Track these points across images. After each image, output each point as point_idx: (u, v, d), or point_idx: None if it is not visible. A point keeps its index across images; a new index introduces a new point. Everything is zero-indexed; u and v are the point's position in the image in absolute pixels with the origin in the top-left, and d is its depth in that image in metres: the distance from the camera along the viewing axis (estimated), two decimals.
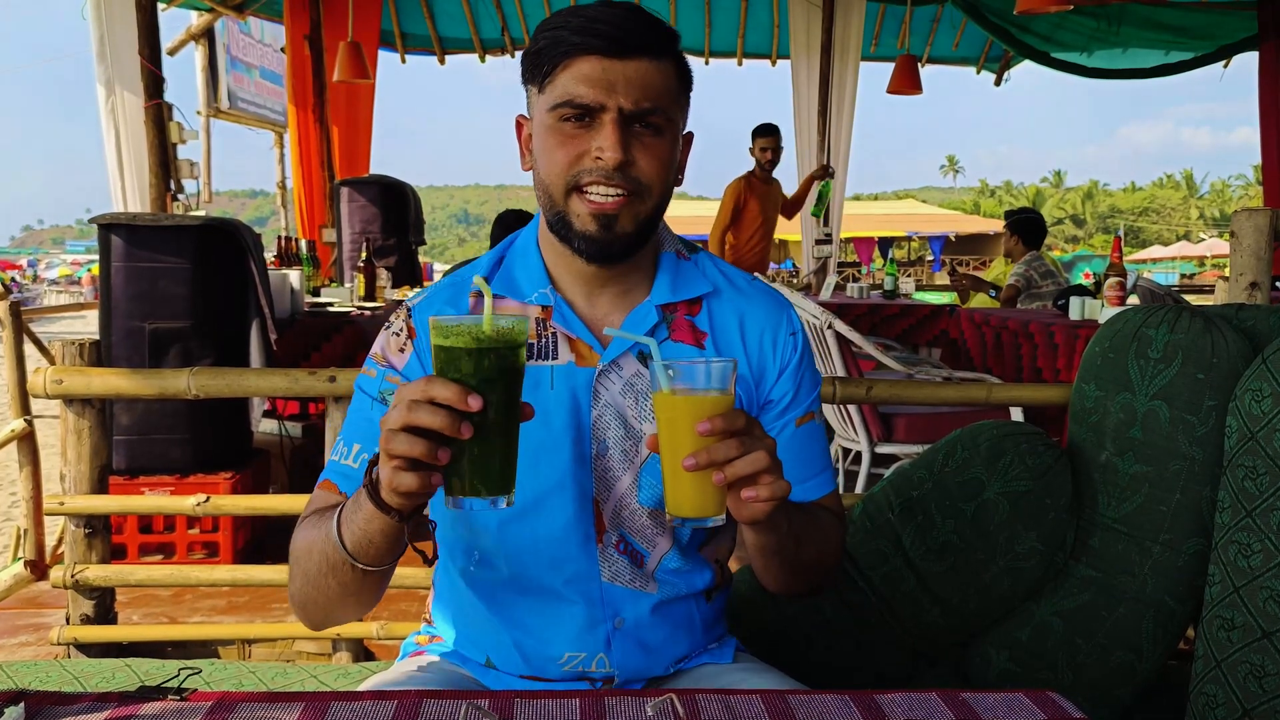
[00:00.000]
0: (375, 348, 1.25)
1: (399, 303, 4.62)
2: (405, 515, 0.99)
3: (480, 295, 1.23)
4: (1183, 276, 29.21)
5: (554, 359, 1.20)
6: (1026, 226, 5.96)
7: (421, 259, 6.47)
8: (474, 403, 0.90)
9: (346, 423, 1.25)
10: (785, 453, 1.23)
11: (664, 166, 1.16)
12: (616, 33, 1.11)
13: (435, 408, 0.90)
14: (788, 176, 6.36)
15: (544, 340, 1.21)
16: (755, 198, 6.27)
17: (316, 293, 5.08)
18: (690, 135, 1.25)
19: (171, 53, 7.38)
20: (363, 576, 1.06)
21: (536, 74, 1.16)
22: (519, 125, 1.24)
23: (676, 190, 1.26)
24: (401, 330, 1.23)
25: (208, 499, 2.17)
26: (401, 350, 1.22)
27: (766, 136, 6.23)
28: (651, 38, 1.13)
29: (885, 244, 29.10)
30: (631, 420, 1.20)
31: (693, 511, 1.00)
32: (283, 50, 7.60)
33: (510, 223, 3.88)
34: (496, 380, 0.92)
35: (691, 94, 1.22)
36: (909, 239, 34.83)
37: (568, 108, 1.12)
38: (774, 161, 6.25)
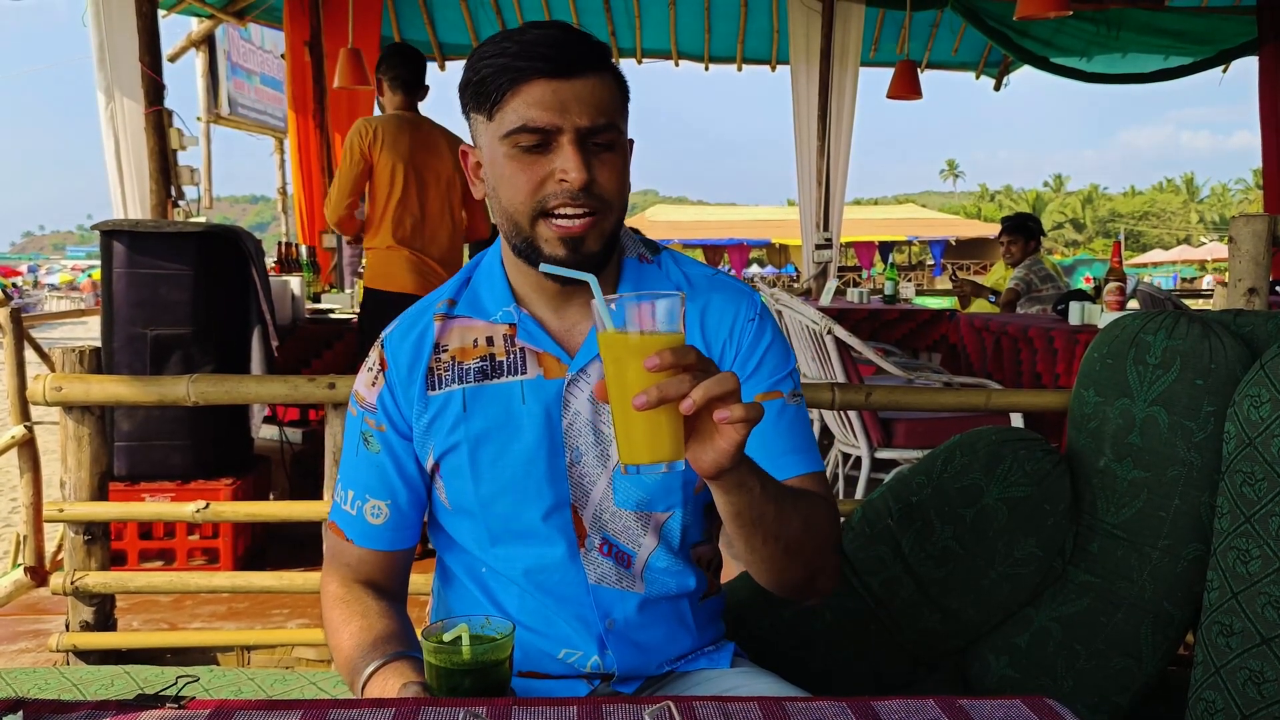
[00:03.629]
0: (355, 385, 1.29)
1: None
2: None
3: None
4: (1183, 280, 29.23)
5: (523, 374, 1.22)
6: (1025, 231, 5.97)
7: None
8: None
9: (342, 462, 1.31)
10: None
11: (621, 180, 1.17)
12: (561, 53, 1.11)
13: None
14: (787, 183, 5.86)
15: (512, 356, 1.23)
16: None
17: (317, 299, 5.08)
18: (631, 142, 1.23)
19: (172, 59, 7.39)
20: None
21: (483, 103, 1.15)
22: (464, 155, 1.24)
23: (673, 193, 1.27)
24: (374, 365, 1.27)
25: (207, 505, 2.17)
26: (374, 384, 1.26)
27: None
28: (592, 54, 1.14)
29: (886, 248, 29.13)
30: (601, 426, 1.22)
31: (648, 456, 0.92)
32: (283, 57, 7.61)
33: None
34: (478, 694, 1.00)
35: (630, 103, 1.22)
36: (909, 243, 34.86)
37: (523, 133, 1.12)
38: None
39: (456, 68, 8.80)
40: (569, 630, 1.24)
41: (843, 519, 1.78)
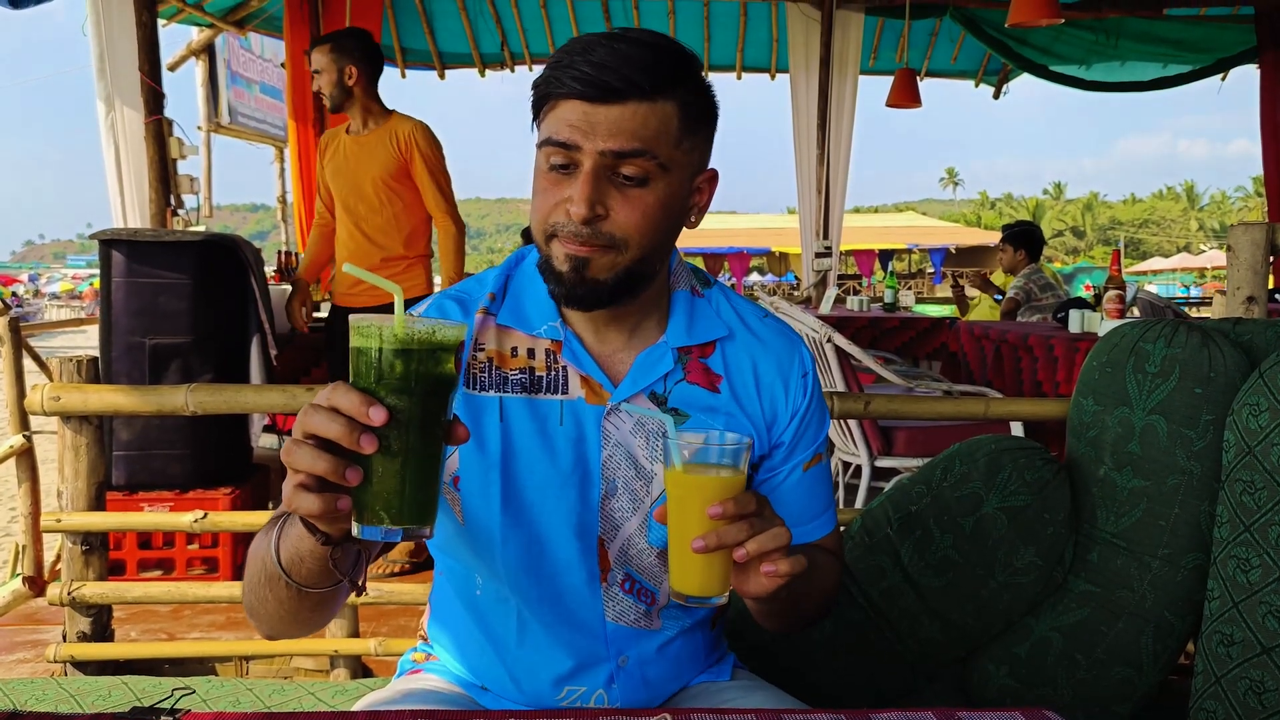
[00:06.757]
0: None
1: None
2: (332, 539, 0.90)
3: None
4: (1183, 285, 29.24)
5: (564, 393, 1.16)
6: (1025, 239, 5.97)
7: None
8: (376, 415, 0.79)
9: None
10: (792, 495, 1.23)
11: (646, 218, 1.09)
12: (600, 76, 1.04)
13: (334, 414, 0.81)
14: (786, 191, 5.83)
15: (554, 374, 1.17)
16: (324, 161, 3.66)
17: (316, 307, 5.08)
18: (713, 173, 1.17)
19: (172, 68, 7.40)
20: (298, 595, 0.98)
21: (535, 110, 1.12)
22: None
23: None
24: None
25: (205, 515, 2.17)
26: None
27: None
28: (642, 79, 1.05)
29: (885, 256, 29.17)
30: (642, 460, 1.16)
31: (698, 590, 0.98)
32: (283, 65, 7.62)
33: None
34: (410, 390, 0.81)
35: (713, 129, 1.15)
36: (909, 251, 34.87)
37: (549, 146, 1.08)
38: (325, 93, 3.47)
39: (456, 76, 8.84)
40: (574, 664, 1.19)
41: (842, 528, 1.77)
